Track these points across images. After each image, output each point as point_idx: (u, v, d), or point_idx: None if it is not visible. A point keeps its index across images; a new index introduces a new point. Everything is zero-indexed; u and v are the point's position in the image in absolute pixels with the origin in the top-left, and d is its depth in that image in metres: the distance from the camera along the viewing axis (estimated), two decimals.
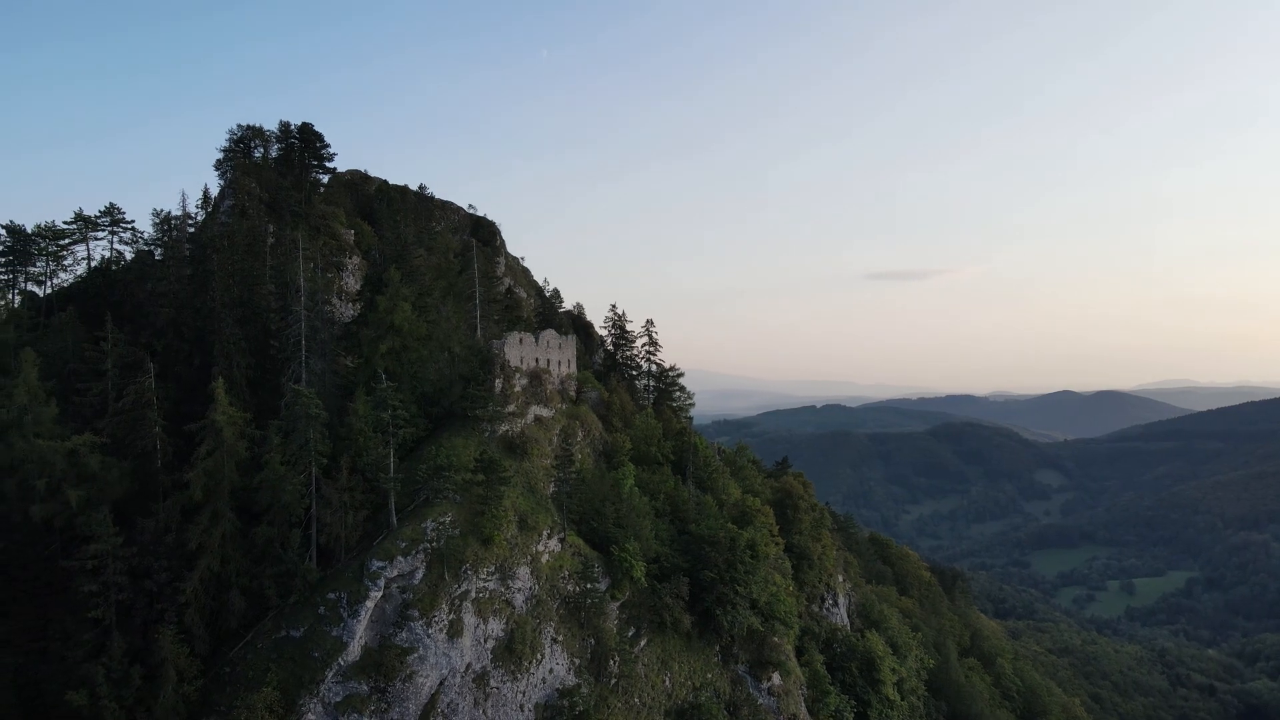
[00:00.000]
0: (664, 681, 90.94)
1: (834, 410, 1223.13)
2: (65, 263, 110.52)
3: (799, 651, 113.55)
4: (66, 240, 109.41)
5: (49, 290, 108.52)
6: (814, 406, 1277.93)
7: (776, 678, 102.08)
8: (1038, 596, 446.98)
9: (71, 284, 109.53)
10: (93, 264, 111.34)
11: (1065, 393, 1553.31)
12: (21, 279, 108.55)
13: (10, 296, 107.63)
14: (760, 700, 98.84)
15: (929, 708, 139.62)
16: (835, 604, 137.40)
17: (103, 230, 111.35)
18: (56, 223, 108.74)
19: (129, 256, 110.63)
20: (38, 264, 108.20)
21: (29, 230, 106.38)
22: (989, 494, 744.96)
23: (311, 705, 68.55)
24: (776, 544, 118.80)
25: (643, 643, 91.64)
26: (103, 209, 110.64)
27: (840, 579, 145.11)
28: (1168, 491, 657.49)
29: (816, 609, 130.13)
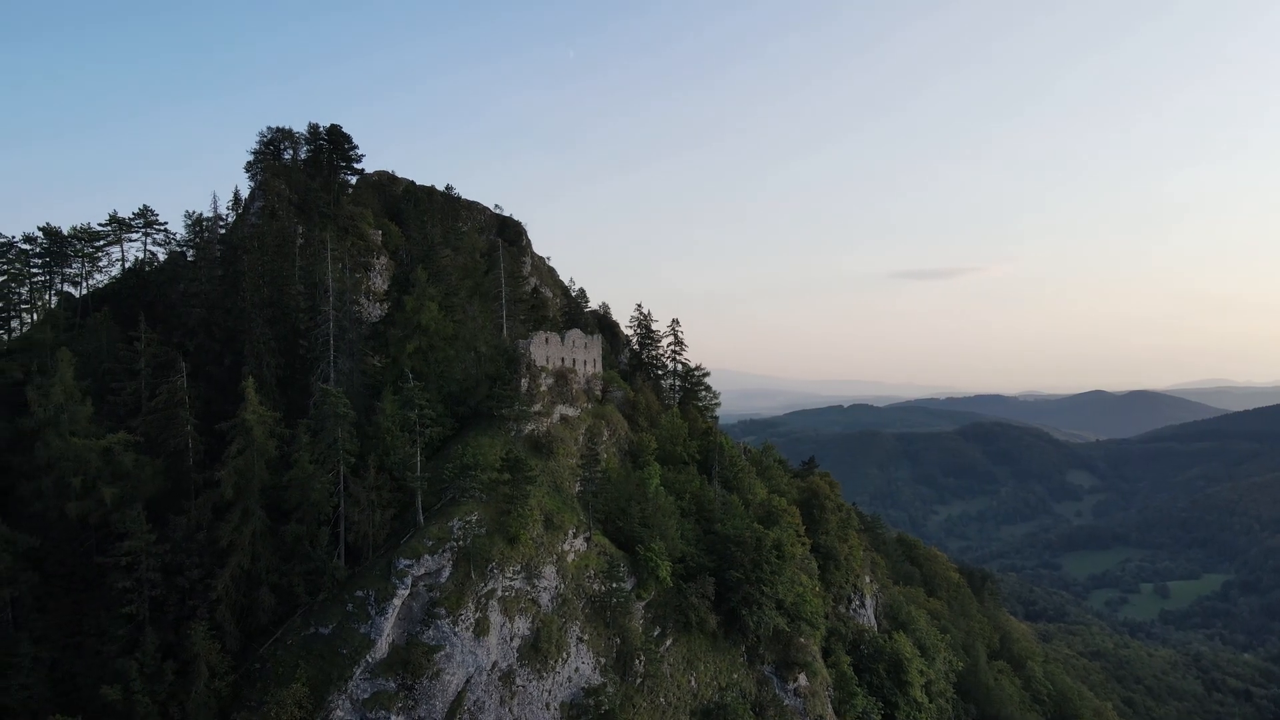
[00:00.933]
0: (689, 681, 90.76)
1: (861, 410, 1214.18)
2: (100, 264, 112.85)
3: (825, 652, 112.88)
4: (101, 242, 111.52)
5: (84, 291, 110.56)
6: (841, 406, 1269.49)
7: (803, 678, 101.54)
8: (1069, 599, 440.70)
9: (106, 285, 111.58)
10: (127, 265, 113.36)
11: (1097, 393, 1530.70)
12: (58, 280, 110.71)
13: (47, 297, 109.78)
14: (786, 701, 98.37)
15: (957, 710, 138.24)
16: (862, 605, 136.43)
17: (136, 232, 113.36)
18: (92, 224, 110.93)
19: (162, 258, 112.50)
20: (74, 265, 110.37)
21: (65, 232, 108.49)
22: (1018, 495, 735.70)
23: (340, 702, 69.20)
24: (803, 544, 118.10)
25: (668, 642, 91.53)
26: (136, 211, 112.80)
27: (867, 580, 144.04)
28: (1202, 493, 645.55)
29: (843, 610, 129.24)
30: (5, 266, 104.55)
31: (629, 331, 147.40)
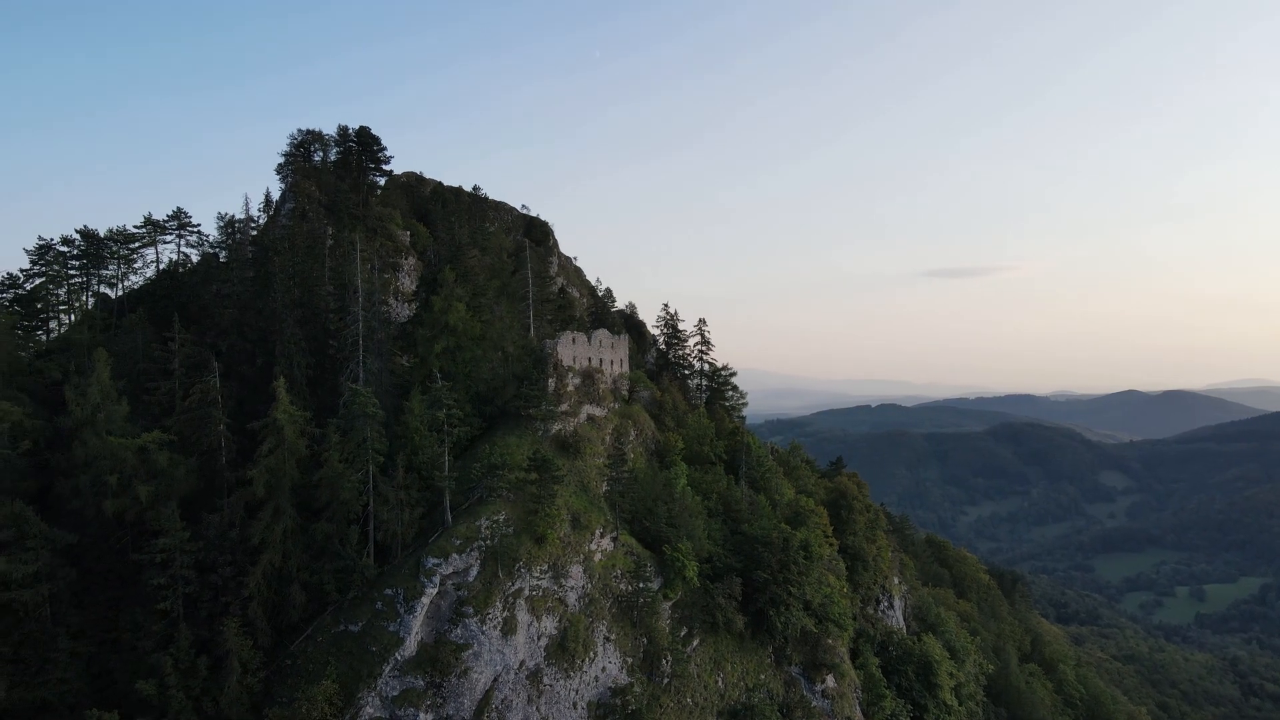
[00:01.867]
0: (716, 682, 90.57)
1: (889, 410, 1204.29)
2: (135, 265, 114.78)
3: (853, 654, 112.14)
4: (136, 244, 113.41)
5: (120, 292, 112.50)
6: (869, 406, 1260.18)
7: (831, 680, 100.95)
8: (1102, 602, 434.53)
9: (141, 286, 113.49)
10: (161, 267, 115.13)
11: (1131, 392, 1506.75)
12: (95, 281, 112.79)
13: (84, 299, 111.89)
14: (814, 702, 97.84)
15: (988, 713, 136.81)
16: (891, 606, 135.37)
17: (170, 234, 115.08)
18: (127, 227, 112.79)
19: (195, 259, 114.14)
20: (110, 267, 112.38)
21: (101, 234, 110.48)
22: (1050, 496, 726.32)
23: (369, 699, 69.86)
24: (831, 545, 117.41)
25: (695, 642, 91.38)
26: (170, 213, 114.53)
27: (896, 581, 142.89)
28: (1240, 495, 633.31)
29: (871, 611, 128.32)
30: (44, 269, 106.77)
31: (655, 331, 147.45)
